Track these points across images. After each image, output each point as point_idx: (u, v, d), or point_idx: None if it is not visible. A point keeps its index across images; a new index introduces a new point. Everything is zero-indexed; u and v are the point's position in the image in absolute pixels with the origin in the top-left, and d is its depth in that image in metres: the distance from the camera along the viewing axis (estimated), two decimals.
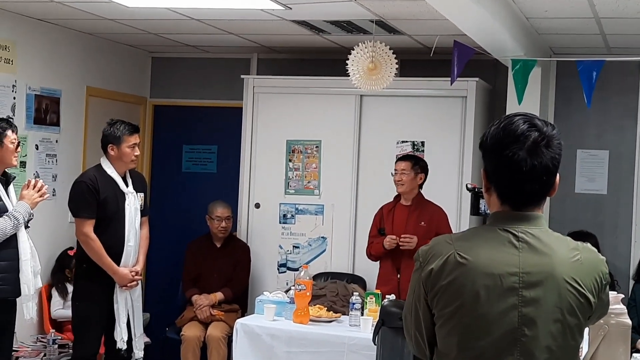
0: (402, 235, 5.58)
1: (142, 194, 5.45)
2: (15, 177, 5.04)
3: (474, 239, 2.17)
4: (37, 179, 5.07)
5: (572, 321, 2.08)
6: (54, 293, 6.29)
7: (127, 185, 5.34)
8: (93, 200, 5.20)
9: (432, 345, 2.22)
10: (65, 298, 6.19)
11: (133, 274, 5.31)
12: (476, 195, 2.89)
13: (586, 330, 2.29)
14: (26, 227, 4.87)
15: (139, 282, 5.43)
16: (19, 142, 4.93)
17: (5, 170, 4.91)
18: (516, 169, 2.12)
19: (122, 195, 5.30)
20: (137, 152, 5.38)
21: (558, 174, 2.20)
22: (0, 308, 4.81)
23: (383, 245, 5.62)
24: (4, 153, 4.83)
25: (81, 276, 5.35)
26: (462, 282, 2.10)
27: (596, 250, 2.21)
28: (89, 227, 5.19)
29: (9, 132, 4.84)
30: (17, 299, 4.91)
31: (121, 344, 5.28)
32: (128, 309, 5.33)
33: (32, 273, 4.84)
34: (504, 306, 2.08)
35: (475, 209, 2.88)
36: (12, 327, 4.98)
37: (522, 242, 2.12)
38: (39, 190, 4.93)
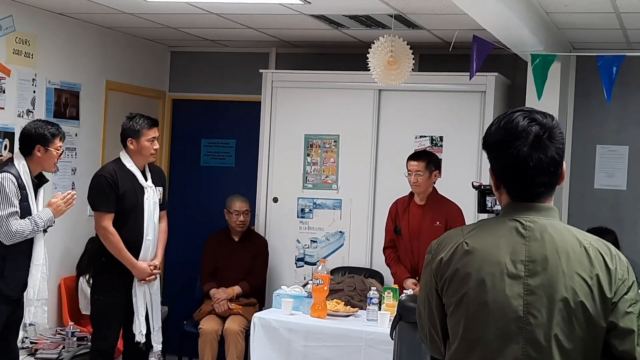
0: (411, 286, 5.56)
1: (160, 188, 5.46)
2: (47, 180, 5.05)
3: (482, 229, 2.19)
4: (70, 192, 5.05)
5: (578, 311, 2.07)
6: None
7: (146, 179, 5.35)
8: (112, 194, 5.21)
9: (447, 339, 2.22)
10: None
11: (152, 268, 5.33)
12: (482, 193, 2.90)
13: None
14: (44, 231, 4.88)
15: (158, 276, 5.44)
16: (62, 151, 4.95)
17: (42, 172, 4.93)
18: (523, 166, 2.13)
19: (141, 189, 5.31)
20: (157, 146, 5.39)
21: (564, 163, 2.21)
22: (7, 304, 4.83)
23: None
24: (47, 158, 4.85)
25: (100, 269, 5.37)
26: (468, 270, 2.13)
27: (610, 244, 2.19)
28: (107, 221, 5.21)
29: (57, 140, 4.87)
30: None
31: (140, 338, 5.30)
32: (147, 303, 5.35)
33: (40, 279, 4.85)
34: (509, 294, 2.08)
35: (482, 207, 2.89)
36: (18, 323, 4.99)
37: (530, 231, 2.12)
38: (67, 202, 4.94)
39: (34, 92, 6.06)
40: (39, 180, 4.91)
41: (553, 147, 2.14)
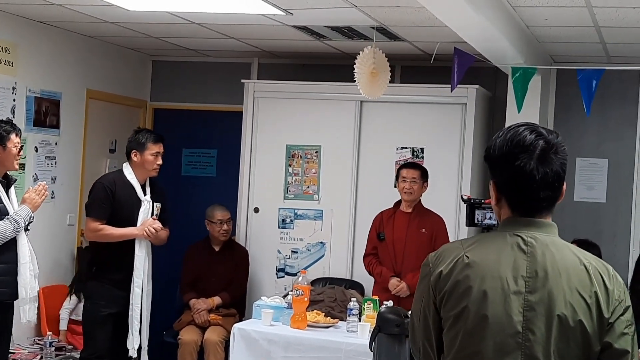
0: (395, 284, 5.60)
1: (159, 204, 5.48)
2: (16, 179, 5.04)
3: (483, 243, 2.19)
4: (41, 183, 5.07)
5: (577, 330, 2.07)
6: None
7: (145, 194, 5.38)
8: (107, 202, 5.28)
9: (441, 353, 2.21)
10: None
11: (149, 224, 5.33)
12: (471, 206, 2.90)
13: None
14: (26, 230, 4.87)
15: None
16: (21, 146, 4.93)
17: (7, 172, 4.91)
18: (529, 179, 2.13)
19: (138, 202, 5.35)
20: (160, 162, 5.44)
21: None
22: None
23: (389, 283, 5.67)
24: (7, 156, 4.82)
25: (90, 278, 5.44)
26: (469, 284, 2.11)
27: (607, 264, 2.19)
28: (96, 224, 5.26)
29: (13, 136, 4.84)
30: (15, 302, 4.91)
31: (133, 353, 5.34)
32: (142, 317, 5.37)
33: (30, 276, 4.84)
34: (508, 309, 2.08)
35: (470, 220, 2.88)
36: (9, 329, 4.99)
37: (530, 247, 2.12)
38: (40, 194, 4.94)
39: (14, 100, 6.03)
40: (7, 181, 4.89)
41: (558, 162, 2.15)
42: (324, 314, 5.49)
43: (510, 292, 2.09)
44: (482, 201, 3.73)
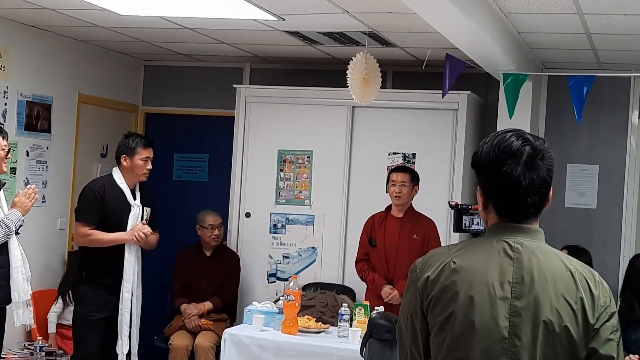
0: (388, 292, 5.61)
1: (149, 209, 5.47)
2: (5, 183, 5.03)
3: (470, 248, 2.20)
4: (30, 186, 5.07)
5: (562, 336, 2.08)
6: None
7: (134, 198, 5.37)
8: (97, 207, 5.26)
9: (428, 358, 2.22)
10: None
11: (139, 229, 5.31)
12: (459, 212, 2.90)
13: None
14: (17, 233, 4.86)
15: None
16: (9, 149, 4.92)
17: None
18: (516, 185, 2.14)
19: (128, 207, 5.34)
20: (149, 166, 5.42)
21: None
22: None
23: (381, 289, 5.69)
24: None
25: (80, 282, 5.40)
26: (455, 289, 2.12)
27: (594, 270, 2.20)
28: (85, 230, 5.25)
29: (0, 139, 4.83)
30: (7, 307, 4.89)
31: (122, 358, 5.32)
32: (132, 323, 5.36)
33: (22, 280, 4.83)
34: (495, 315, 2.09)
35: (458, 226, 2.89)
36: (1, 335, 4.96)
37: (517, 253, 2.13)
38: (30, 197, 4.93)
39: (5, 104, 6.02)
40: None
41: (544, 168, 2.16)
42: (315, 319, 5.49)
43: (496, 297, 2.10)
44: (470, 207, 3.73)
